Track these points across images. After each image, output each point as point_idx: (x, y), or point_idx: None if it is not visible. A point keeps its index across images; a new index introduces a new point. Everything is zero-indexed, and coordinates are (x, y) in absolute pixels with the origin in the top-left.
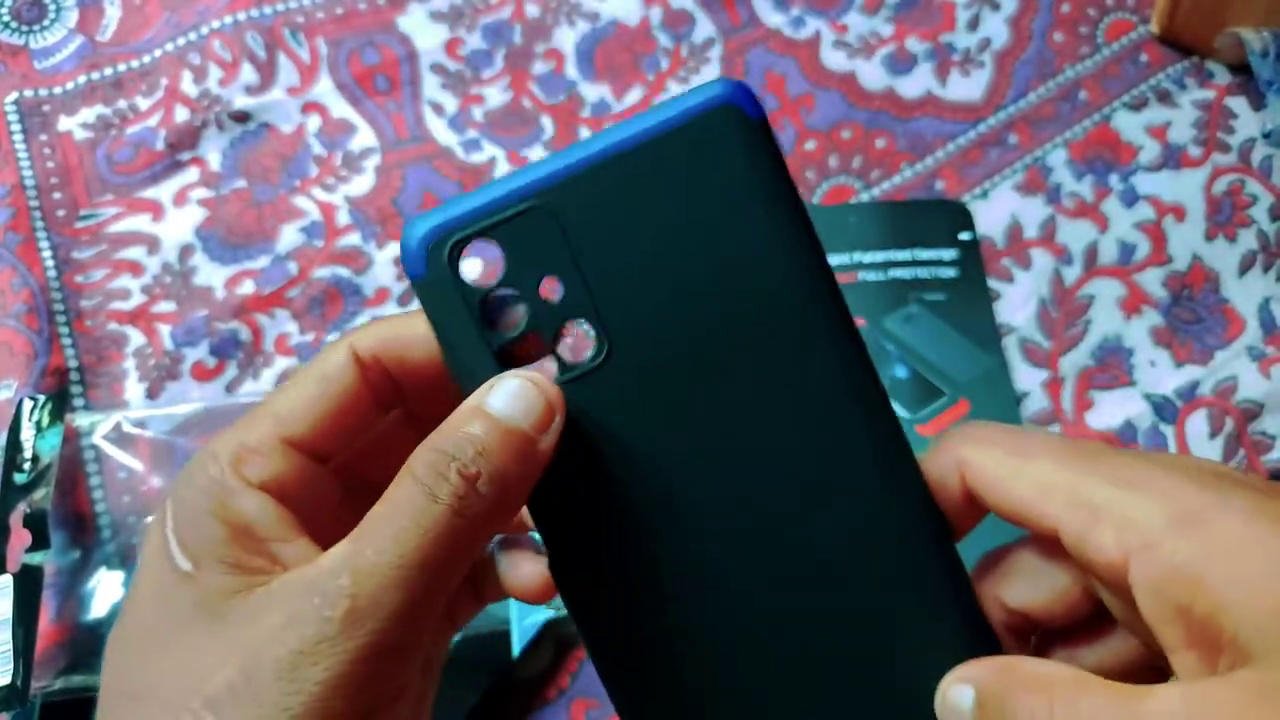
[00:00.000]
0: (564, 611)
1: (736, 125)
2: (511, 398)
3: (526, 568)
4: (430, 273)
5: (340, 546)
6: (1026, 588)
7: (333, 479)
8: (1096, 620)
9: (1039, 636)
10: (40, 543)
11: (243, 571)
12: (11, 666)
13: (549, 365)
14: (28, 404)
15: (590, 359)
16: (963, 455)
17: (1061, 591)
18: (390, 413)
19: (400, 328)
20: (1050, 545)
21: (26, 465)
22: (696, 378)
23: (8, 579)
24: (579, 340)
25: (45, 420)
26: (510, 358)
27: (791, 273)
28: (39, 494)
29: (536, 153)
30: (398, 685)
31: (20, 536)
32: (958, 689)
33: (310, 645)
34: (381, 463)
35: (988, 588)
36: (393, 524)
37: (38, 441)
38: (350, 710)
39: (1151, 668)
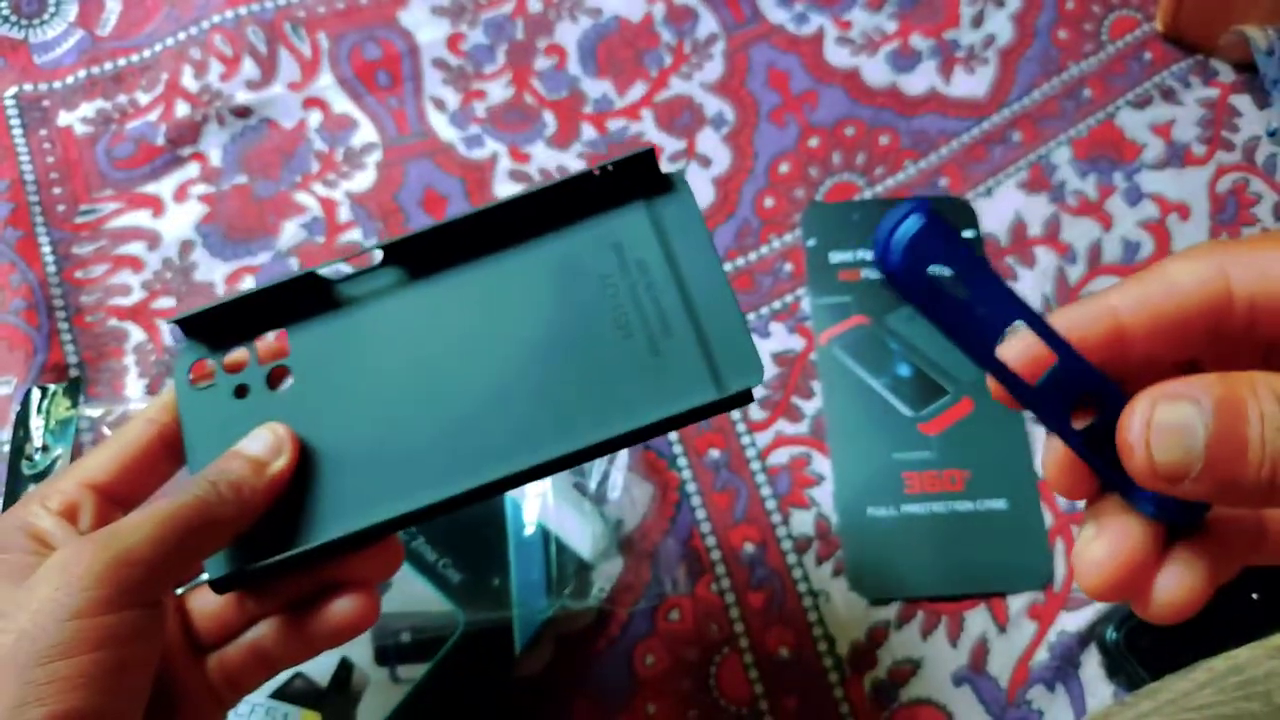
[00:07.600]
0: (564, 608)
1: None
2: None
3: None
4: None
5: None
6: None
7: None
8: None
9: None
10: None
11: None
12: None
13: None
14: (36, 393)
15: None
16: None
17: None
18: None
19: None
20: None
21: (36, 454)
22: None
23: None
24: None
25: (56, 409)
26: None
27: None
28: None
29: (539, 148)
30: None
31: None
32: (1173, 404)
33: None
34: None
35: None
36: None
37: (47, 430)
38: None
39: None
